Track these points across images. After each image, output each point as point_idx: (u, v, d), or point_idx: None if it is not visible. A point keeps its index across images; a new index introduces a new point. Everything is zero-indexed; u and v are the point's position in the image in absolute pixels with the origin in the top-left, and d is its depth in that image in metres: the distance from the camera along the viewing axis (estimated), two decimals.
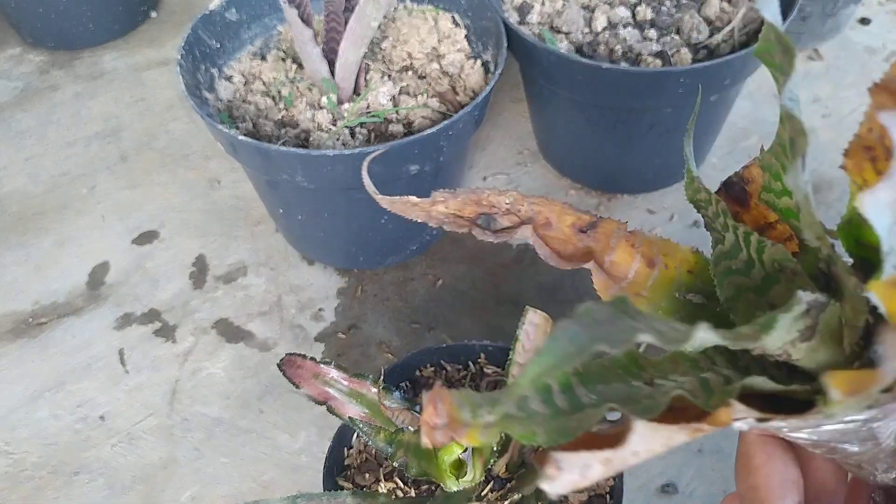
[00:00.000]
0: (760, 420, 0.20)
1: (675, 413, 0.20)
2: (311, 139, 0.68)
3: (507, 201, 0.28)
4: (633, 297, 0.28)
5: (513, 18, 0.79)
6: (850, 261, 0.24)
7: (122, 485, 0.65)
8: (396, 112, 0.70)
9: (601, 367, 0.24)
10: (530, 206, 0.28)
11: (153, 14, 1.14)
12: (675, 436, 0.18)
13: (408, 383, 0.58)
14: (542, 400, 0.21)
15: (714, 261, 0.28)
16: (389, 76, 0.74)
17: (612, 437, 0.18)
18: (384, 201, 0.29)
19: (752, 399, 0.20)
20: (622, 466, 0.18)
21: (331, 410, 0.49)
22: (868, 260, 0.23)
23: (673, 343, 0.16)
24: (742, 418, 0.20)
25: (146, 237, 0.84)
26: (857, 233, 0.23)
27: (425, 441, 0.18)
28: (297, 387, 0.49)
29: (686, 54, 0.73)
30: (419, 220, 0.29)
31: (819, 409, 0.20)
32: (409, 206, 0.28)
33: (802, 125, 0.19)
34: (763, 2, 0.21)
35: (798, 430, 0.22)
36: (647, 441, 0.18)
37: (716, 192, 0.29)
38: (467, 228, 0.28)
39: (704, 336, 0.16)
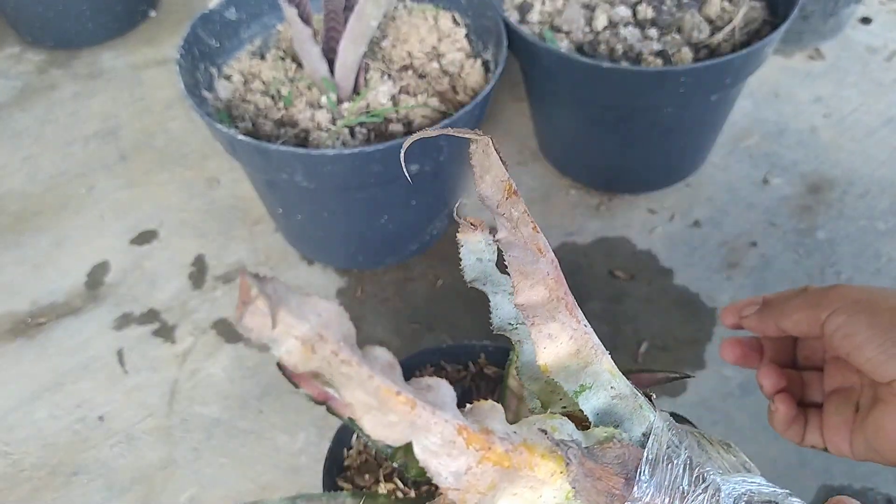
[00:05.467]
0: None
1: None
2: (310, 138, 0.67)
3: None
4: None
5: (513, 17, 0.79)
6: None
7: (120, 485, 0.64)
8: (396, 111, 0.70)
9: None
10: None
11: (152, 13, 1.14)
12: None
13: None
14: None
15: None
16: (389, 75, 0.73)
17: None
18: None
19: None
20: None
21: (330, 410, 0.49)
22: None
23: None
24: None
25: (145, 237, 0.84)
26: None
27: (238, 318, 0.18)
28: (297, 387, 0.49)
29: (687, 53, 0.73)
30: None
31: None
32: None
33: None
34: None
35: None
36: None
37: None
38: None
39: None
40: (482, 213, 0.85)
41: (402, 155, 0.28)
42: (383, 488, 0.51)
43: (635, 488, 0.22)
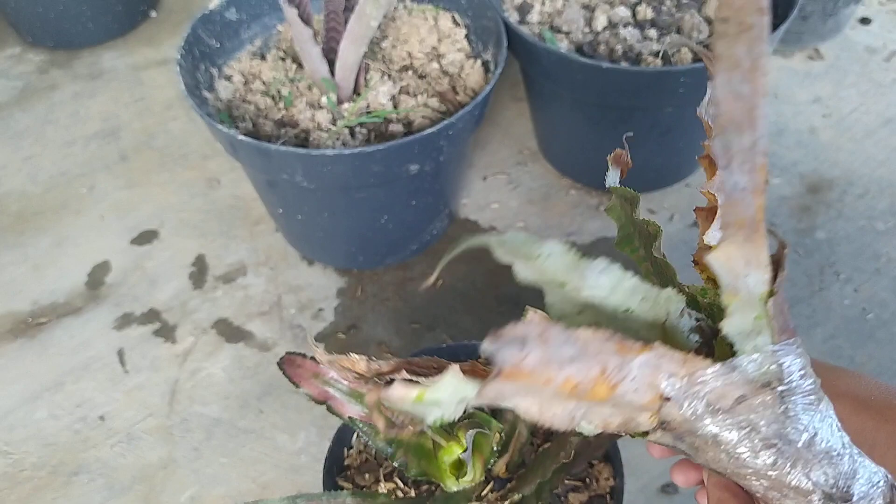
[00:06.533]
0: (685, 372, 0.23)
1: None
2: (310, 139, 0.67)
3: None
4: None
5: (513, 18, 0.79)
6: None
7: (121, 485, 0.65)
8: (396, 112, 0.70)
9: None
10: None
11: (152, 13, 1.14)
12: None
13: None
14: None
15: None
16: (389, 76, 0.74)
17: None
18: None
19: None
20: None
21: (331, 410, 0.49)
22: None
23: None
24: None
25: (145, 237, 0.84)
26: None
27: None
28: (298, 386, 0.49)
29: (687, 53, 0.73)
30: None
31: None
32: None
33: None
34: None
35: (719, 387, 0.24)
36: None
37: None
38: None
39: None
40: (483, 212, 0.85)
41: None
42: (383, 488, 0.51)
43: (797, 338, 0.25)
